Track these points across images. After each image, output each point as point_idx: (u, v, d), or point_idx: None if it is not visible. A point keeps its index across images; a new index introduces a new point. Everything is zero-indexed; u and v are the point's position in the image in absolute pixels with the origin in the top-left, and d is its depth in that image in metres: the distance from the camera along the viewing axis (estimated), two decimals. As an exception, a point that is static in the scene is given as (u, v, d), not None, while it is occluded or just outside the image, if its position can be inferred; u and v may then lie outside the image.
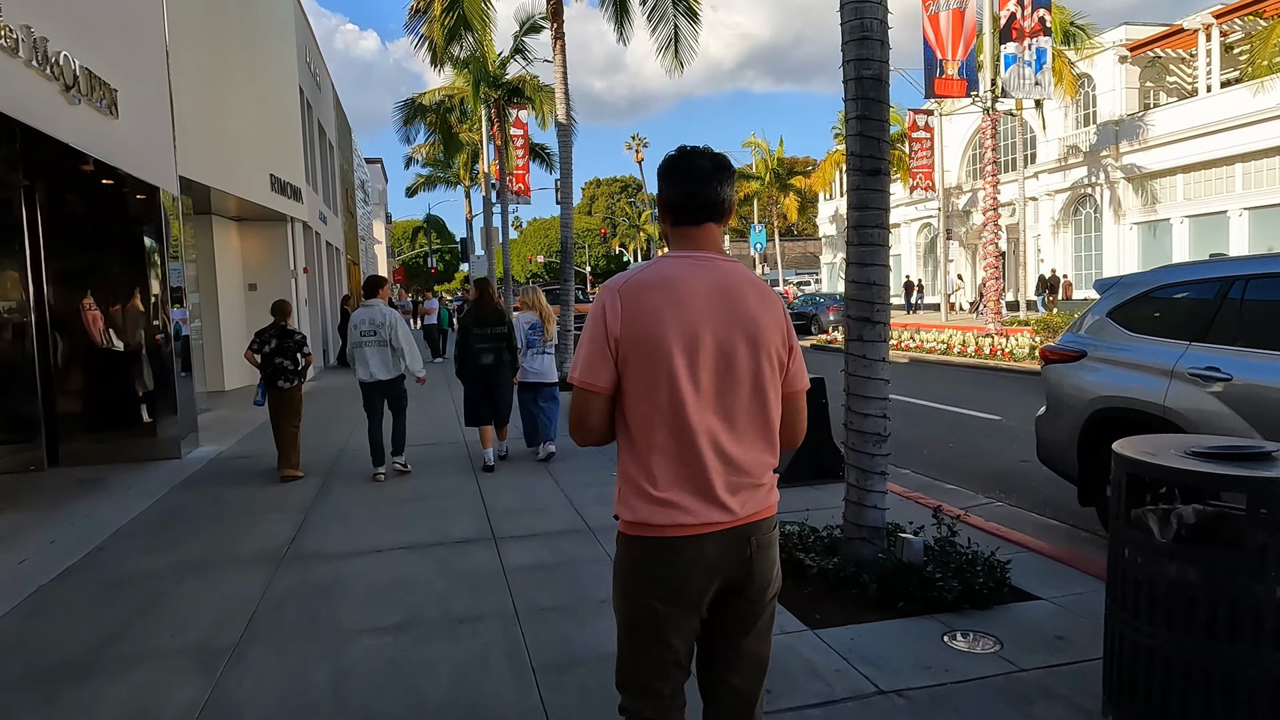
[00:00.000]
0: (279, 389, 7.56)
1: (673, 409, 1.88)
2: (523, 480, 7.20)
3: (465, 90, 23.26)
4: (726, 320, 1.91)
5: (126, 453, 8.56)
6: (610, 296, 1.91)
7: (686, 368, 1.87)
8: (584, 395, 1.93)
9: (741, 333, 1.92)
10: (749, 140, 46.46)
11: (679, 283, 1.91)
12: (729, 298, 1.93)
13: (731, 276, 1.97)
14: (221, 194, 12.96)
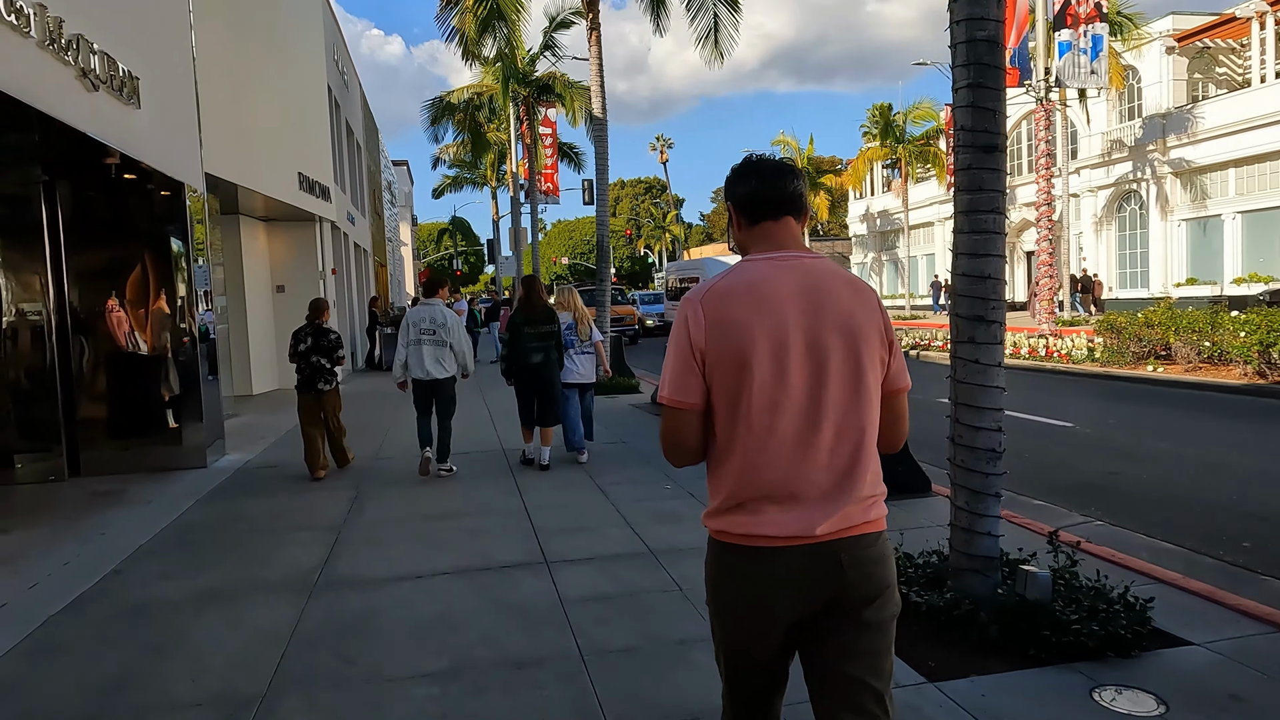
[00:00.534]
0: (316, 390, 7.44)
1: (764, 418, 1.79)
2: (569, 494, 6.66)
3: (494, 88, 22.85)
4: (817, 321, 1.81)
5: (150, 461, 8.14)
6: (692, 308, 1.83)
7: (777, 375, 1.79)
8: (674, 413, 1.85)
9: (835, 333, 1.82)
10: (778, 139, 45.70)
11: (763, 286, 1.83)
12: (819, 296, 1.83)
13: (820, 274, 1.87)
14: (248, 193, 12.59)
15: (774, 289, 1.82)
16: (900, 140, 35.51)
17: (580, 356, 7.96)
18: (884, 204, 46.12)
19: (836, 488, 1.81)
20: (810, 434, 1.80)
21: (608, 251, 13.87)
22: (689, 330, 1.81)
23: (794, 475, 1.79)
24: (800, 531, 1.78)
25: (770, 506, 1.80)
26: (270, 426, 10.86)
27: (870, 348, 1.84)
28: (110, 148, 6.65)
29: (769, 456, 1.79)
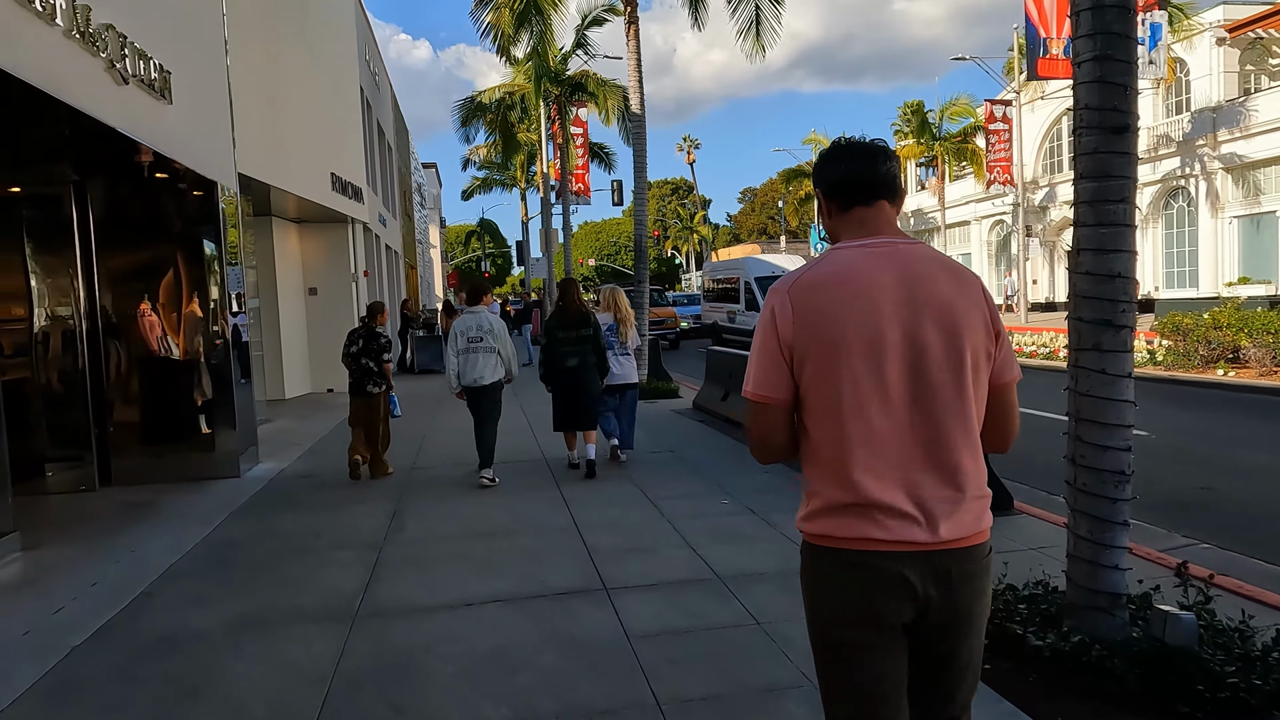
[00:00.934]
0: (367, 394, 7.45)
1: (859, 416, 1.71)
2: (620, 509, 6.25)
3: (526, 87, 22.55)
4: (916, 311, 1.72)
5: (183, 470, 7.86)
6: (779, 299, 1.77)
7: (873, 370, 1.70)
8: (761, 409, 1.80)
9: (936, 324, 1.72)
10: (809, 137, 45.07)
11: (856, 275, 1.74)
12: (917, 285, 1.73)
13: (917, 260, 1.77)
14: (281, 194, 12.37)
15: (868, 278, 1.73)
16: (936, 137, 34.72)
17: (618, 358, 7.89)
18: (918, 203, 45.27)
19: (949, 487, 1.72)
20: (911, 432, 1.71)
21: (645, 252, 13.48)
22: (775, 323, 1.73)
23: (898, 477, 1.70)
24: (913, 536, 1.70)
25: (873, 510, 1.71)
26: (304, 433, 10.59)
27: (974, 339, 1.74)
28: (141, 145, 6.36)
29: (869, 457, 1.70)
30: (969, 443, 1.75)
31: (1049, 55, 15.95)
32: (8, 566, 5.28)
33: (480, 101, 23.76)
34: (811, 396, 1.74)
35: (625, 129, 23.31)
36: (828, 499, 1.75)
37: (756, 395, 1.78)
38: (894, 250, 1.77)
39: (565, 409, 7.54)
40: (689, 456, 8.17)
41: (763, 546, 5.17)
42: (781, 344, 1.74)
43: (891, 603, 1.72)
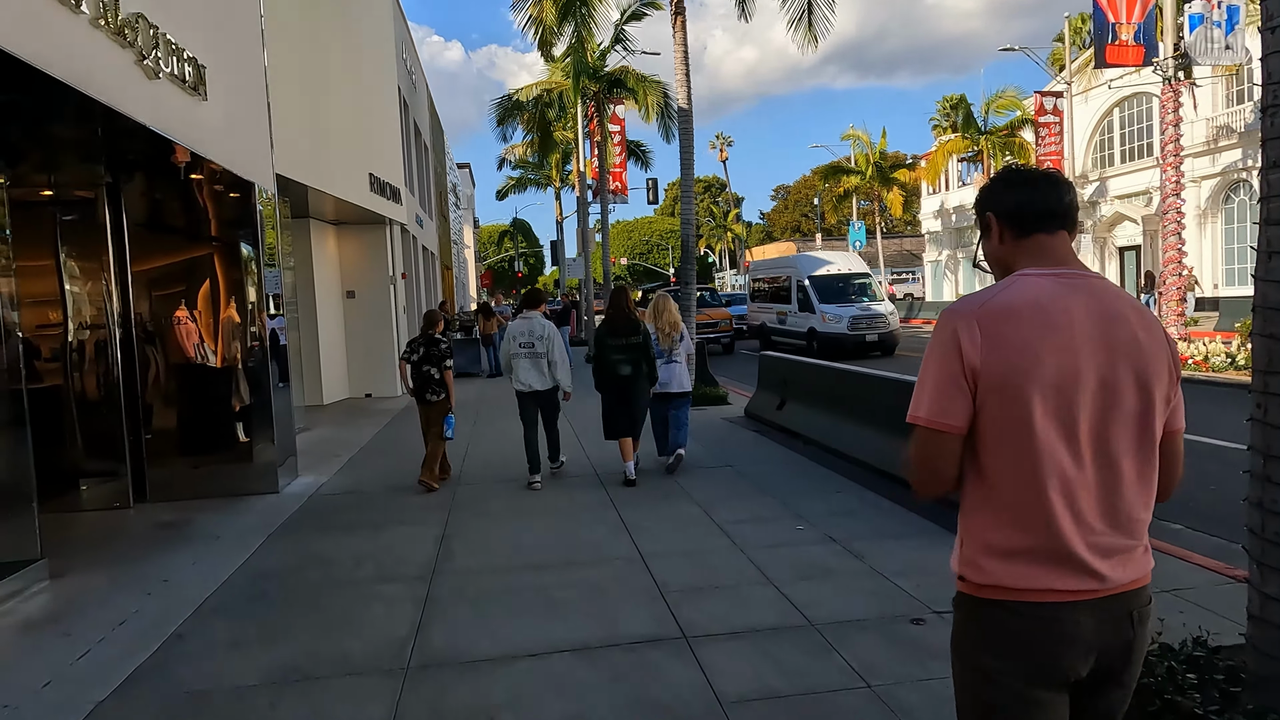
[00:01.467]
0: (427, 401, 7.48)
1: (1043, 457, 1.61)
2: (687, 535, 5.74)
3: (564, 84, 22.14)
4: (1110, 352, 1.65)
5: (220, 485, 7.51)
6: (965, 323, 1.64)
7: (1063, 409, 1.61)
8: (934, 437, 1.67)
9: (1128, 366, 1.65)
10: (849, 133, 44.26)
11: (1050, 306, 1.65)
12: (1110, 324, 1.66)
13: (1109, 297, 1.70)
14: (319, 196, 12.04)
15: (1063, 311, 1.65)
16: (982, 131, 33.71)
17: (669, 365, 7.83)
18: (960, 199, 44.19)
19: (1125, 535, 1.67)
20: (1095, 477, 1.65)
21: (693, 250, 12.94)
22: (960, 344, 1.64)
23: (1080, 523, 1.63)
24: (1092, 585, 1.63)
25: (1058, 557, 1.63)
26: (344, 442, 10.23)
27: (1161, 386, 1.69)
28: (174, 143, 5.99)
29: (1057, 500, 1.62)
30: (1146, 491, 1.71)
31: (1118, 42, 15.12)
32: (34, 598, 4.91)
33: (517, 99, 23.39)
34: (992, 429, 1.64)
35: (664, 126, 22.82)
36: (1004, 543, 1.65)
37: (931, 422, 1.66)
38: (1086, 284, 1.70)
39: (617, 417, 7.48)
40: (750, 472, 7.63)
41: (853, 584, 4.63)
42: (966, 369, 1.63)
43: (1073, 657, 1.65)
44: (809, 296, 20.21)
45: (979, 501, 1.70)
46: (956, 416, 1.65)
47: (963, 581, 1.74)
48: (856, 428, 7.77)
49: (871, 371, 8.12)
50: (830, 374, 9.01)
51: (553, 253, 41.01)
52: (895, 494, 6.49)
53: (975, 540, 1.70)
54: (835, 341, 18.69)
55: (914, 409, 1.70)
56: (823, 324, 19.41)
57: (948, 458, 1.68)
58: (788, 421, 9.72)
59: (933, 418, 1.67)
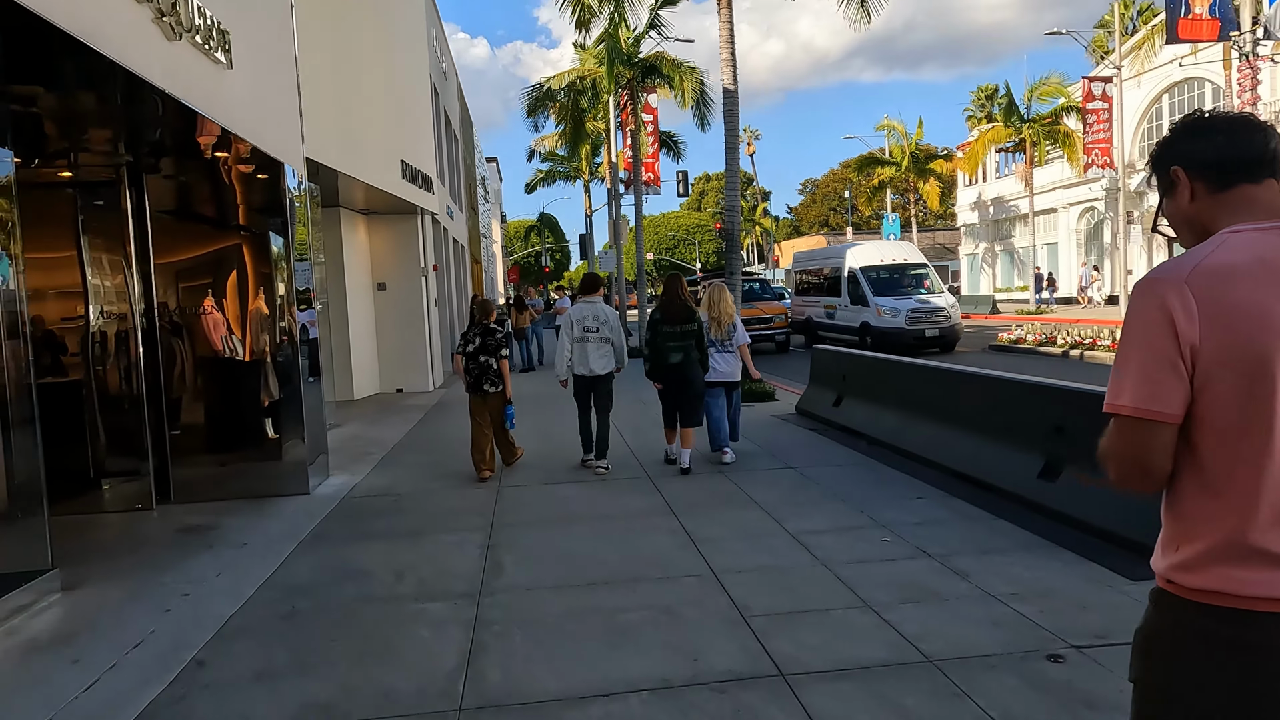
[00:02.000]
0: (484, 393, 7.37)
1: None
2: (760, 546, 5.14)
3: (597, 71, 21.54)
4: None
5: (248, 486, 7.04)
6: (1176, 291, 1.42)
7: None
8: (1144, 428, 1.45)
9: None
10: (883, 123, 43.18)
11: (1277, 263, 1.43)
12: None
13: None
14: (349, 183, 11.60)
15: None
16: (1025, 119, 32.63)
17: (721, 355, 7.74)
18: (997, 190, 43.06)
19: None
20: None
21: (738, 239, 12.31)
22: (1174, 319, 1.41)
23: None
24: None
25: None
26: (376, 440, 9.75)
27: None
28: (196, 114, 5.48)
29: None
30: None
31: (1191, 15, 14.23)
32: (43, 614, 4.44)
33: (549, 88, 22.84)
34: (1218, 414, 1.43)
35: (699, 114, 22.18)
36: (1228, 544, 1.43)
37: (1139, 409, 1.45)
38: None
39: (676, 406, 7.42)
40: (816, 475, 7.02)
41: (964, 609, 4.01)
42: (1182, 345, 1.41)
43: None
44: (862, 288, 18.81)
45: (1195, 491, 1.48)
46: (1171, 403, 1.43)
47: (1170, 584, 1.52)
48: (935, 428, 7.12)
49: (954, 367, 7.44)
50: (903, 370, 8.30)
51: (581, 246, 40.46)
52: (982, 500, 5.86)
53: (1189, 535, 1.48)
54: (892, 337, 17.27)
55: (1113, 396, 1.49)
56: (878, 318, 18.09)
57: (1160, 451, 1.46)
58: (847, 419, 9.09)
59: (1141, 405, 1.44)
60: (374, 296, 14.80)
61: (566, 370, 7.45)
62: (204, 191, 7.16)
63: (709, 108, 22.18)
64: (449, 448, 9.10)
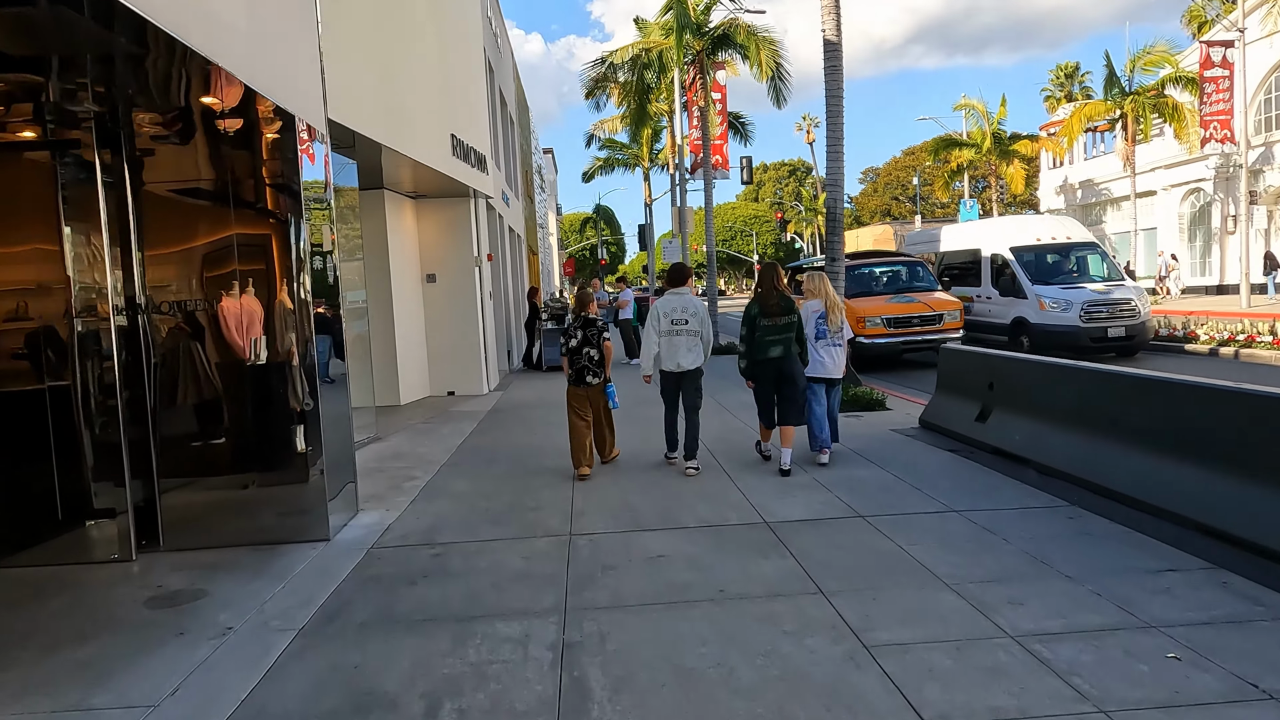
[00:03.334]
0: (586, 384, 7.14)
1: None
2: (968, 655, 3.38)
3: (664, 43, 19.81)
4: None
5: (254, 527, 5.55)
6: None
7: None
8: None
9: None
10: (961, 103, 40.51)
11: None
12: None
13: None
14: (393, 160, 10.10)
15: None
16: (1127, 92, 29.76)
17: (830, 349, 7.37)
18: (1085, 173, 39.98)
19: None
20: None
21: (841, 219, 10.48)
22: None
23: None
24: None
25: None
26: (421, 457, 8.22)
27: None
28: (177, 45, 3.93)
29: None
30: None
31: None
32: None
33: (611, 62, 21.18)
34: None
35: (775, 88, 20.31)
36: None
37: None
38: None
39: (769, 402, 7.05)
40: (994, 523, 5.21)
41: None
42: None
43: None
44: (1015, 275, 14.97)
45: None
46: None
47: None
48: (1161, 462, 5.22)
49: (1191, 380, 5.46)
50: (1100, 381, 6.25)
51: (641, 237, 38.79)
52: (1274, 576, 4.00)
53: None
54: (1061, 337, 13.55)
55: None
56: (1040, 313, 14.19)
57: None
58: (998, 439, 7.21)
59: None
60: (423, 289, 13.34)
61: (652, 365, 7.09)
62: (195, 155, 5.65)
63: (784, 81, 20.29)
64: (505, 468, 7.54)
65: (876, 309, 13.98)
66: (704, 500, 6.13)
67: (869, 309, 13.88)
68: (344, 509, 6.02)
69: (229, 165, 5.60)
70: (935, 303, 14.24)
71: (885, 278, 15.85)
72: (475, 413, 11.30)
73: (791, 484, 6.51)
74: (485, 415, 11.11)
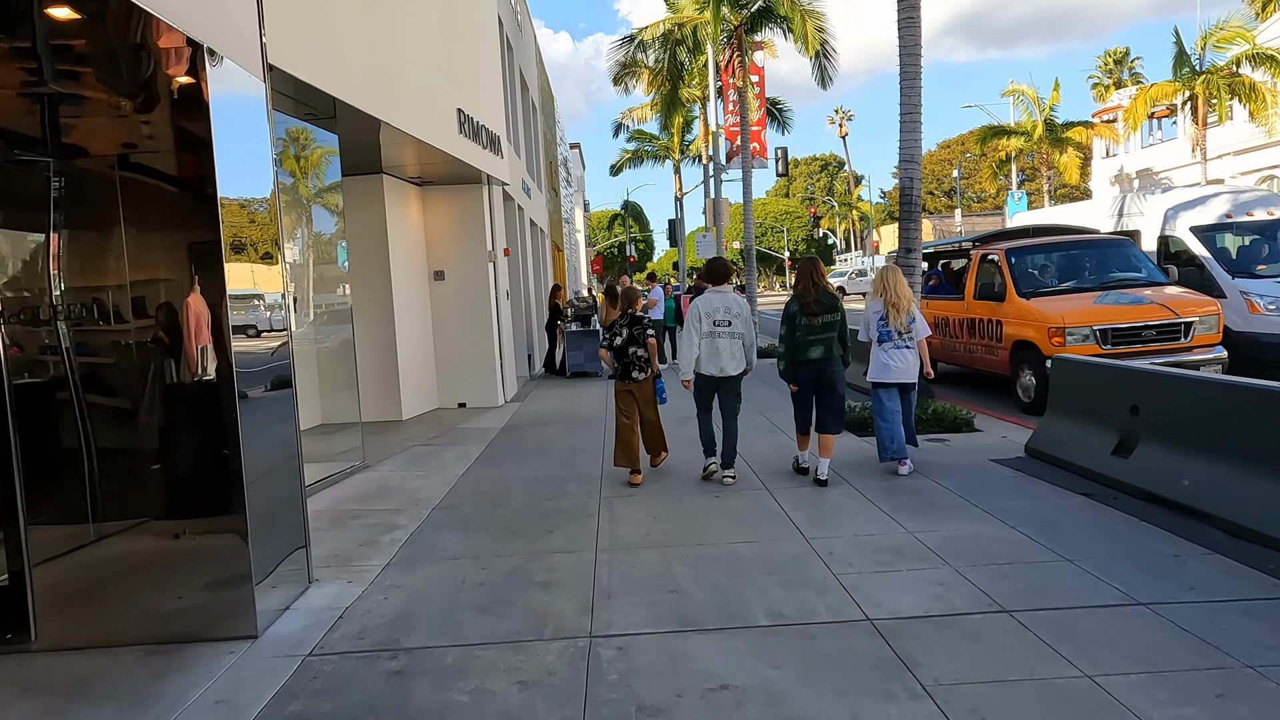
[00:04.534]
0: (633, 379, 6.87)
1: None
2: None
3: (697, 18, 18.14)
4: None
5: (154, 619, 4.03)
6: None
7: None
8: None
9: None
10: (1010, 89, 38.35)
11: None
12: None
13: None
14: (394, 141, 8.62)
15: None
16: (1198, 72, 27.50)
17: (897, 350, 6.75)
18: (1145, 160, 37.60)
19: None
20: None
21: (918, 203, 8.77)
22: None
23: None
24: None
25: None
26: (411, 493, 6.67)
27: None
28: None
29: None
30: None
31: None
32: None
33: (641, 40, 19.53)
34: None
35: (819, 67, 18.56)
36: None
37: None
38: None
39: (806, 407, 6.66)
40: (1157, 600, 3.54)
41: None
42: None
43: None
44: (1204, 266, 10.93)
45: None
46: None
47: None
48: None
49: None
50: None
51: (670, 232, 37.15)
52: None
53: None
54: None
55: None
56: (1249, 317, 10.15)
57: None
58: (1151, 481, 5.50)
59: None
60: (430, 288, 11.83)
61: (691, 368, 6.67)
62: (71, 103, 4.13)
63: (830, 58, 18.54)
64: (513, 511, 5.99)
65: (1082, 315, 8.96)
66: (774, 570, 4.51)
67: (1068, 315, 8.96)
68: (288, 583, 4.48)
69: (102, 113, 4.06)
70: (1178, 304, 9.15)
71: (1080, 265, 10.57)
72: (486, 431, 9.76)
73: (887, 544, 4.87)
74: (497, 434, 9.57)
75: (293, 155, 7.00)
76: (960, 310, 10.98)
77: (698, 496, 6.27)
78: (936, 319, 11.21)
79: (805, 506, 5.82)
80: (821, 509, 5.75)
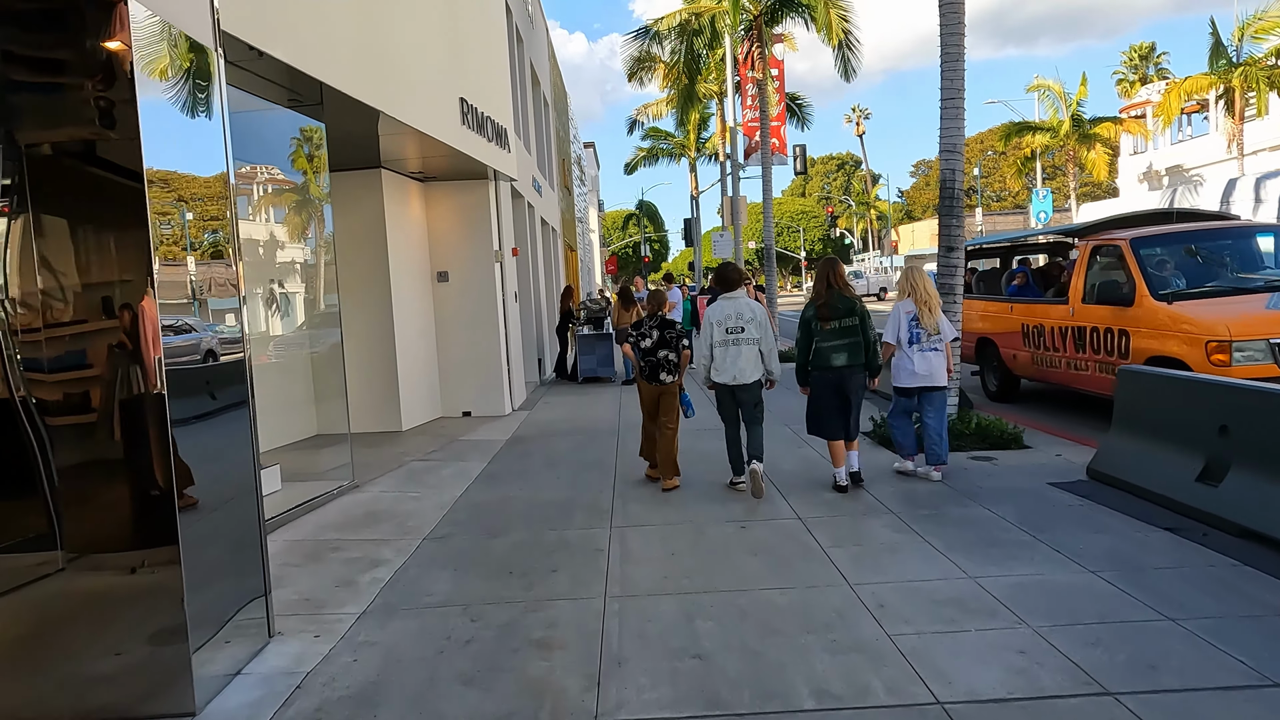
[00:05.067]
0: (659, 381, 6.69)
1: None
2: None
3: (715, 8, 17.41)
4: None
5: (79, 687, 3.35)
6: None
7: None
8: None
9: None
10: (1036, 83, 37.37)
11: None
12: None
13: None
14: (393, 132, 7.97)
15: None
16: (1236, 63, 26.45)
17: (925, 353, 6.39)
18: (1175, 158, 36.48)
19: None
20: None
21: (959, 196, 8.02)
22: None
23: None
24: None
25: None
26: (402, 522, 5.98)
27: None
28: None
29: None
30: None
31: None
32: None
33: (656, 32, 18.82)
34: None
35: (843, 60, 17.79)
36: None
37: None
38: None
39: (826, 414, 6.30)
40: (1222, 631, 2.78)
41: None
42: None
43: None
44: None
45: None
46: None
47: None
48: None
49: None
50: None
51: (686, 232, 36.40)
52: None
53: None
54: None
55: None
56: None
57: None
58: (1255, 519, 4.73)
59: None
60: (433, 290, 11.17)
61: (708, 377, 6.48)
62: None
63: (853, 50, 17.76)
64: (513, 542, 5.30)
65: (1256, 324, 6.89)
66: (815, 628, 3.78)
67: (1236, 324, 6.88)
68: (246, 637, 3.80)
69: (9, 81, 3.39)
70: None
71: (1227, 259, 8.48)
72: (490, 443, 9.07)
73: (947, 594, 4.13)
74: (502, 447, 8.88)
75: (268, 143, 6.34)
76: (1063, 317, 8.79)
77: (720, 524, 5.56)
78: (1025, 327, 9.46)
79: (845, 541, 5.09)
80: (864, 545, 5.01)
